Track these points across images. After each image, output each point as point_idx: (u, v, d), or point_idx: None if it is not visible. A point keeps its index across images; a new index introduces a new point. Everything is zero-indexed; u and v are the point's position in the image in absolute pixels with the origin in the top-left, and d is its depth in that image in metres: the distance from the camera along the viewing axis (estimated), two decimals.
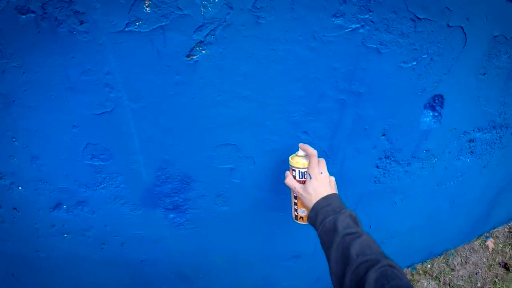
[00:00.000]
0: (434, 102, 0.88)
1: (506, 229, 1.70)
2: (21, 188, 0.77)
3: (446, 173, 1.10)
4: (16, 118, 0.65)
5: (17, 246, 0.88)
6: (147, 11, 0.57)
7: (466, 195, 1.27)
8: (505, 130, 1.12)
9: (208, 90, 0.66)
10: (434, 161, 1.03)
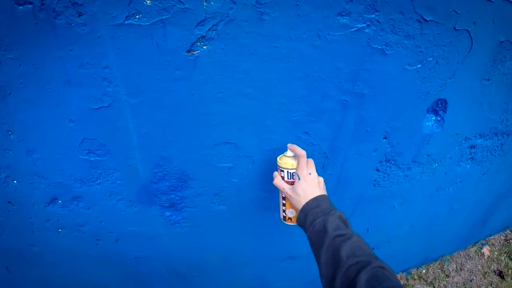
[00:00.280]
0: (437, 106, 0.86)
1: (502, 237, 1.68)
2: (16, 182, 0.75)
3: (446, 178, 1.08)
4: (12, 111, 0.63)
5: (12, 240, 0.86)
6: (147, 4, 0.55)
7: (464, 201, 1.25)
8: (506, 137, 1.09)
9: (209, 86, 0.63)
10: (434, 166, 1.01)
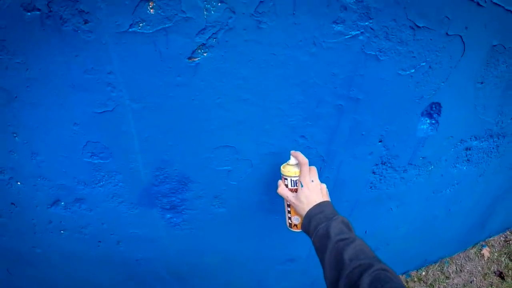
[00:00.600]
0: (431, 109, 0.89)
1: (502, 238, 1.70)
2: (20, 184, 0.78)
3: (443, 180, 1.11)
4: (17, 113, 0.66)
5: (14, 241, 0.89)
6: (151, 13, 0.58)
7: (462, 203, 1.28)
8: (502, 139, 1.13)
9: (208, 92, 0.66)
10: (430, 169, 1.04)
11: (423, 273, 1.53)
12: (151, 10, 0.58)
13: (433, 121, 0.92)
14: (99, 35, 0.58)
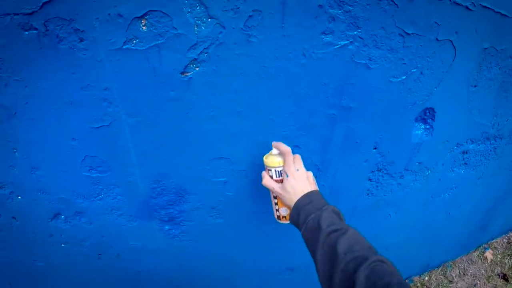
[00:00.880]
0: (425, 115, 0.88)
1: (505, 239, 1.66)
2: (20, 198, 0.78)
3: (440, 185, 1.09)
4: (17, 129, 0.66)
5: (15, 255, 0.88)
6: (143, 30, 0.58)
7: (461, 206, 1.25)
8: (499, 140, 1.11)
9: (202, 106, 0.66)
10: (427, 174, 1.02)
11: (426, 278, 1.49)
12: (144, 28, 0.59)
13: (427, 126, 0.91)
14: (95, 52, 0.59)
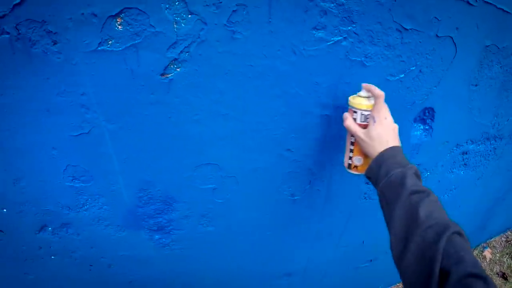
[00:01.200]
0: (424, 115, 0.77)
1: (503, 238, 1.51)
2: (5, 210, 0.68)
3: (440, 186, 0.97)
4: None
5: (5, 268, 0.79)
6: (119, 29, 0.49)
7: (461, 207, 1.12)
8: (499, 141, 0.98)
9: (185, 109, 0.56)
10: (426, 175, 0.90)
11: None
12: (119, 27, 0.49)
13: (426, 127, 0.79)
14: (69, 55, 0.50)
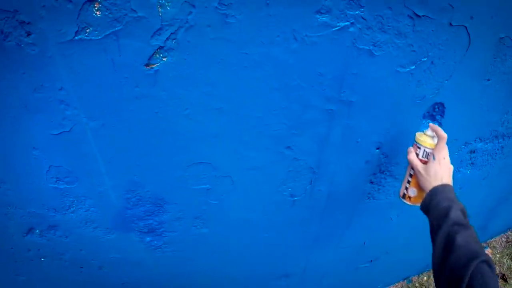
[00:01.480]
0: (434, 111, 0.67)
1: (504, 238, 1.40)
2: None
3: None
4: None
5: None
6: (97, 16, 0.40)
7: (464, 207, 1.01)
8: (507, 139, 0.87)
9: (173, 103, 0.47)
10: None
11: (425, 278, 1.26)
12: (97, 13, 0.40)
13: (435, 124, 0.68)
14: (44, 47, 0.42)
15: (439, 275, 0.42)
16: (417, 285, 1.23)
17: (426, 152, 0.51)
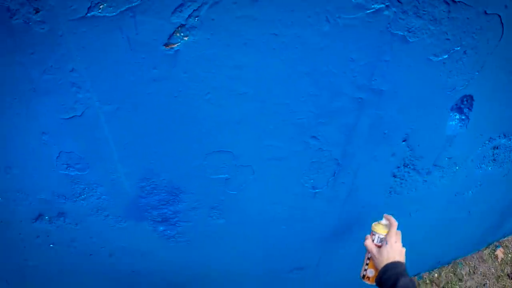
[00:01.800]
0: (462, 103, 0.65)
1: None
2: (1, 199, 0.59)
3: (466, 182, 0.86)
4: None
5: (6, 255, 0.71)
6: None
7: (483, 204, 1.01)
8: None
9: (194, 86, 0.45)
10: (455, 170, 0.79)
11: (436, 275, 1.27)
12: None
13: (463, 117, 0.67)
14: (54, 25, 0.39)
15: None
16: (427, 281, 1.24)
17: (380, 238, 0.60)
